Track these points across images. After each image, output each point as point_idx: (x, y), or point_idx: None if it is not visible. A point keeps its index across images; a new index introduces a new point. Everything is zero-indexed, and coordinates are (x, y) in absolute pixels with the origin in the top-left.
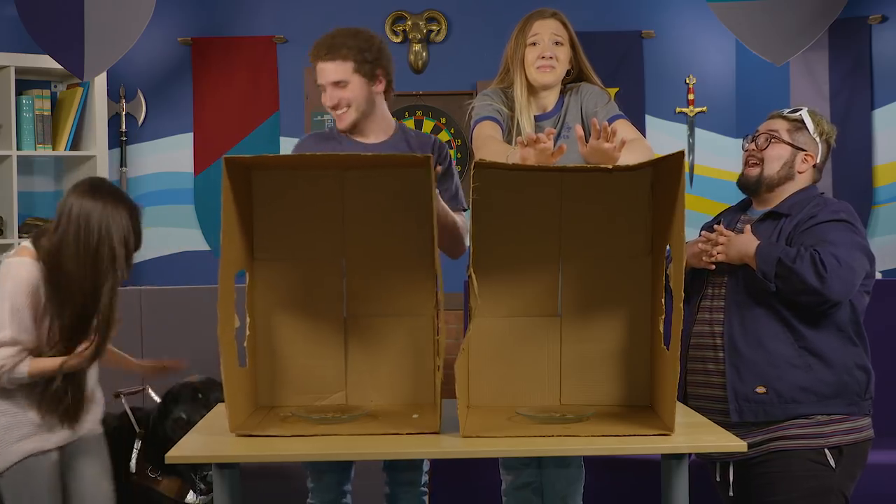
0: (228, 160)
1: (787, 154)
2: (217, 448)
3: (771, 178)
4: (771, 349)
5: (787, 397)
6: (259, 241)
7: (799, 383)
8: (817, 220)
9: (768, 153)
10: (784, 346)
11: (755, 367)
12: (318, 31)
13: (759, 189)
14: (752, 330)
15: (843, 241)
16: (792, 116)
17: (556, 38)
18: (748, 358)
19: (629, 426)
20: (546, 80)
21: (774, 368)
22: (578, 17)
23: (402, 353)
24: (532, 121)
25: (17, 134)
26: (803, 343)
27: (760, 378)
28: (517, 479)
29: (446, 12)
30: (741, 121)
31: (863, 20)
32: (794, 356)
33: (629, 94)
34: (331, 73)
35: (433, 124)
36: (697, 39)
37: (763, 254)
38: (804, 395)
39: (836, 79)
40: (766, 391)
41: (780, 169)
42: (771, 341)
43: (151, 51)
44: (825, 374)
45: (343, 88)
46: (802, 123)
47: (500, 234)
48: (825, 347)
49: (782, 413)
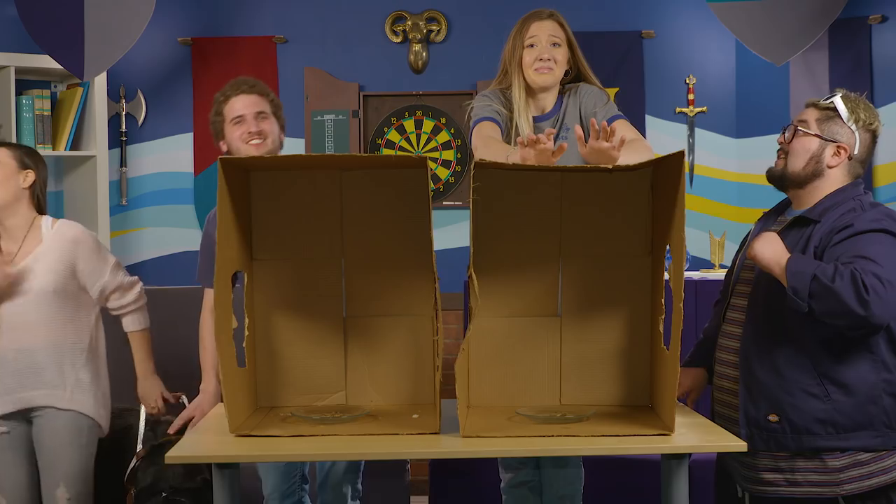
0: (224, 161)
1: (814, 147)
2: (217, 448)
3: (796, 174)
4: (786, 374)
5: (801, 428)
6: (258, 241)
7: (816, 414)
8: (854, 231)
9: (793, 146)
10: (800, 372)
11: (768, 392)
12: (318, 32)
13: (785, 184)
14: (767, 350)
15: (886, 257)
16: (823, 104)
17: (553, 40)
18: (761, 381)
19: (629, 426)
20: (544, 82)
21: (789, 396)
22: (578, 17)
23: (401, 354)
24: (531, 122)
25: (17, 134)
26: (822, 369)
27: (773, 405)
28: (515, 478)
29: (446, 12)
30: (741, 121)
31: (863, 20)
32: (812, 384)
33: (629, 94)
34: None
35: (433, 124)
36: (697, 39)
37: (795, 269)
38: (820, 427)
39: (836, 79)
40: (778, 420)
41: (807, 164)
42: (786, 365)
43: (151, 51)
44: (846, 404)
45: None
46: (835, 111)
47: (500, 234)
48: (848, 374)
49: (795, 445)
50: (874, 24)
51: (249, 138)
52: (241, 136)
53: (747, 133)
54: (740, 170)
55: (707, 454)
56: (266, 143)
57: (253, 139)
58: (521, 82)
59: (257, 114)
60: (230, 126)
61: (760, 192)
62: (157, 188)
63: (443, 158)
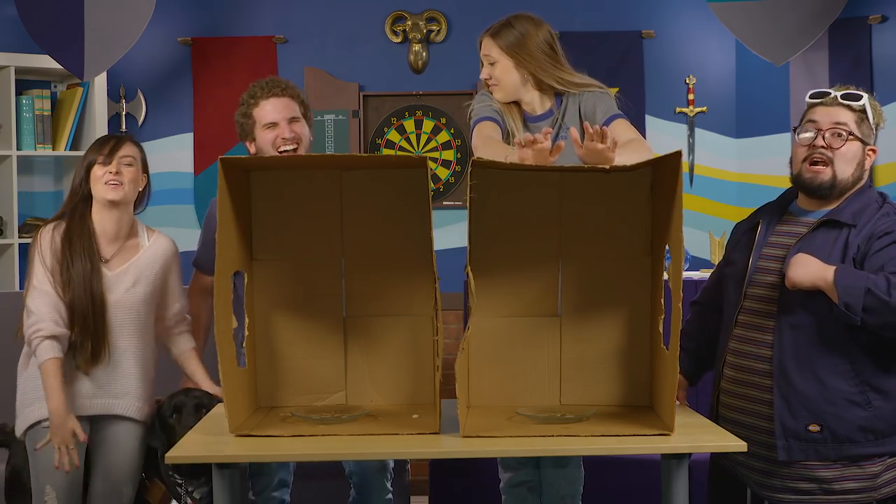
0: (224, 161)
1: (860, 153)
2: (217, 448)
3: (845, 182)
4: (829, 383)
5: (843, 437)
6: (258, 241)
7: (858, 422)
8: (895, 238)
9: (843, 151)
10: (842, 381)
11: (809, 403)
12: (318, 32)
13: (832, 194)
14: (807, 359)
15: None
16: (857, 106)
17: (488, 59)
18: (801, 391)
19: (629, 426)
20: (499, 98)
21: (831, 406)
22: (579, 18)
23: (401, 353)
24: (519, 125)
25: (18, 134)
26: (864, 377)
27: (814, 415)
28: (514, 477)
29: (446, 12)
30: (741, 121)
31: (863, 20)
32: (854, 392)
33: (629, 93)
34: (285, 108)
35: (433, 124)
36: (697, 39)
37: (845, 283)
38: (861, 435)
39: (835, 79)
40: (819, 430)
41: (855, 170)
42: (829, 374)
43: (151, 51)
44: (885, 409)
45: (297, 123)
46: (864, 112)
47: (499, 234)
48: (889, 380)
49: (836, 454)
50: (874, 24)
51: (283, 144)
52: (275, 141)
53: (747, 133)
54: (740, 170)
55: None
56: (299, 150)
57: (286, 145)
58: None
59: (290, 119)
60: (262, 130)
61: (760, 191)
62: (157, 188)
63: (443, 158)
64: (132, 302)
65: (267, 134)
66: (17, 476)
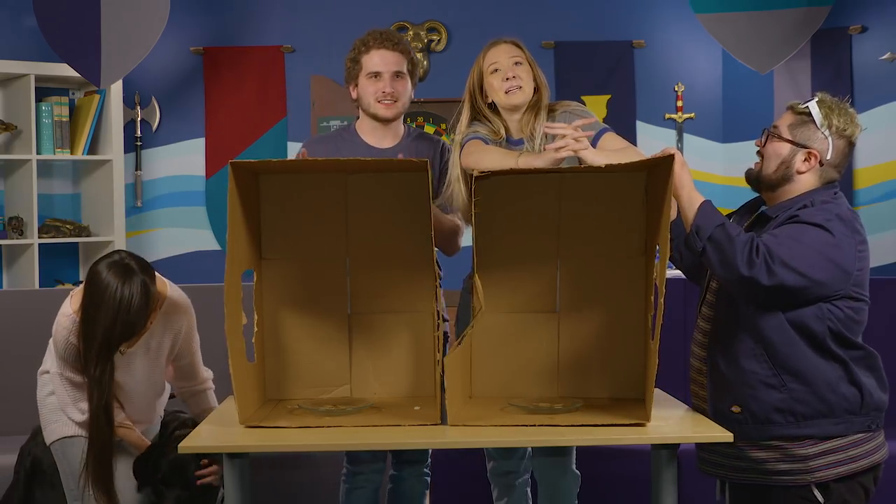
0: (235, 165)
1: (785, 152)
2: (227, 439)
3: (769, 178)
4: (745, 366)
5: (762, 418)
6: (266, 241)
7: (774, 404)
8: (795, 220)
9: (766, 150)
10: (758, 364)
11: (730, 386)
12: (324, 41)
13: (760, 186)
14: (729, 346)
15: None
16: (800, 108)
17: (516, 59)
18: (725, 375)
19: (611, 417)
20: (519, 101)
21: (749, 388)
22: (573, 28)
23: (403, 348)
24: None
25: (37, 139)
26: (778, 360)
27: (735, 397)
28: (498, 466)
29: (446, 23)
30: (728, 126)
31: (843, 31)
32: (769, 374)
33: (621, 101)
34: (392, 62)
35: (433, 129)
36: (686, 49)
37: (707, 211)
38: (780, 416)
39: (817, 86)
40: (740, 411)
41: (777, 168)
42: (746, 359)
43: (165, 60)
44: (801, 392)
45: (400, 80)
46: (809, 116)
47: (500, 234)
48: (802, 365)
49: (758, 434)
50: (854, 34)
51: (383, 97)
52: (376, 93)
53: (733, 138)
54: (726, 173)
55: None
56: (396, 106)
57: (386, 99)
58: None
59: (395, 73)
60: (366, 79)
61: (746, 194)
62: (170, 191)
63: None
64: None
65: (369, 84)
66: (38, 465)
